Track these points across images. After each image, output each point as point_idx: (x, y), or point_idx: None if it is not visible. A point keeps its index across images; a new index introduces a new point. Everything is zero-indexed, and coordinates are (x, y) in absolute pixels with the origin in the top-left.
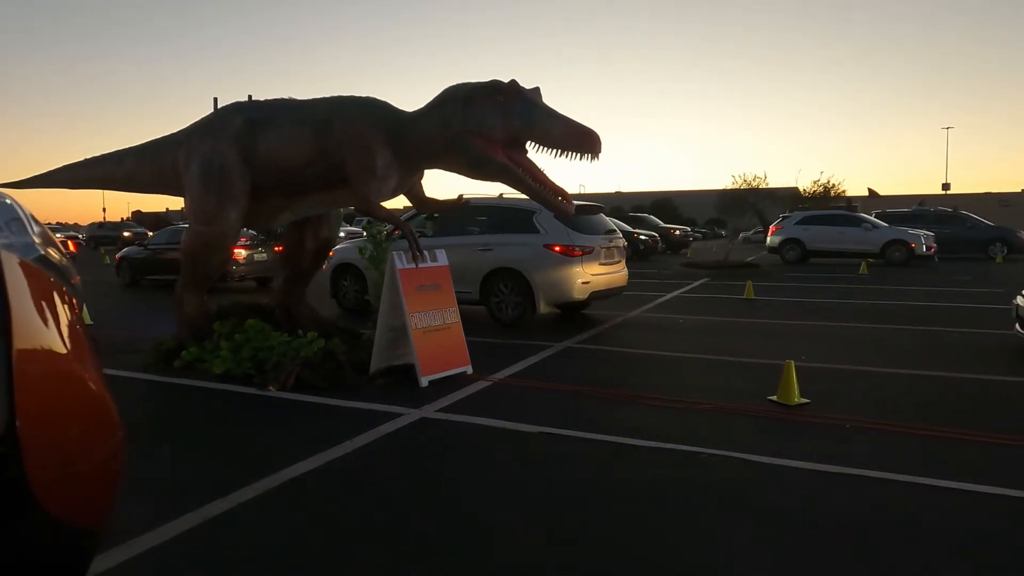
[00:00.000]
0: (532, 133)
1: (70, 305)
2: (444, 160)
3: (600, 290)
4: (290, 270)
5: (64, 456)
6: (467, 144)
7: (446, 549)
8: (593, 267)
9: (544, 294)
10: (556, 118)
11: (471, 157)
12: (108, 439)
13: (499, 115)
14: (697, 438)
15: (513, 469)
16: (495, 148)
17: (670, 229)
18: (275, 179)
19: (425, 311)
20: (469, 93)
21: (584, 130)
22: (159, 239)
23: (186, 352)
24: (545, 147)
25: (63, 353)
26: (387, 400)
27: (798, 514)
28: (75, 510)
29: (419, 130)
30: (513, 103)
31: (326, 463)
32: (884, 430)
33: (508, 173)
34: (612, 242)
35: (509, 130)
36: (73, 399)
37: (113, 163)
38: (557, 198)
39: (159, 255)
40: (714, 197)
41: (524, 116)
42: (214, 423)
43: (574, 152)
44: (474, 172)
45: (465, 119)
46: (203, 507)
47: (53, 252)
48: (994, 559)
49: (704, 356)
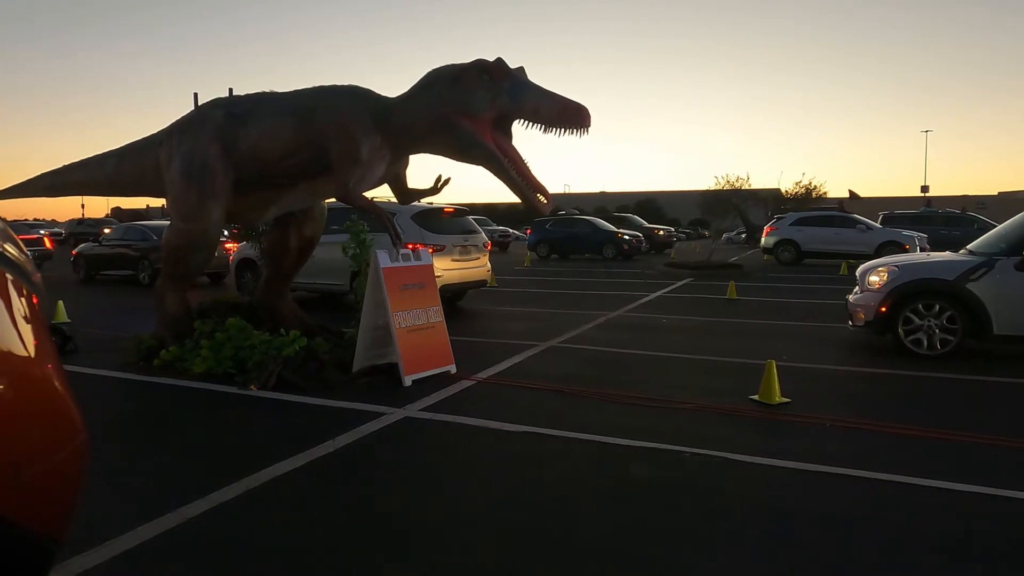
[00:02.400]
0: (521, 111)
1: (28, 302)
2: (431, 143)
3: (454, 283)
4: (273, 268)
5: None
6: (456, 126)
7: (429, 549)
8: (445, 262)
9: None
10: (545, 94)
11: (460, 139)
12: (68, 442)
13: (487, 94)
14: (680, 437)
15: (496, 468)
16: (484, 132)
17: (654, 229)
18: (258, 172)
19: (409, 310)
20: (456, 73)
21: (573, 105)
22: (113, 236)
23: (166, 351)
24: (535, 124)
25: (19, 351)
26: (370, 399)
27: (780, 513)
28: (30, 516)
29: (405, 114)
30: (500, 82)
31: (308, 463)
32: (864, 428)
33: (494, 161)
34: (468, 241)
35: (498, 109)
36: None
37: (93, 167)
38: (536, 194)
39: (113, 251)
40: (697, 198)
41: (512, 94)
42: (194, 423)
43: (564, 127)
44: (461, 155)
45: (453, 99)
46: (182, 508)
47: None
48: (975, 557)
49: (686, 356)
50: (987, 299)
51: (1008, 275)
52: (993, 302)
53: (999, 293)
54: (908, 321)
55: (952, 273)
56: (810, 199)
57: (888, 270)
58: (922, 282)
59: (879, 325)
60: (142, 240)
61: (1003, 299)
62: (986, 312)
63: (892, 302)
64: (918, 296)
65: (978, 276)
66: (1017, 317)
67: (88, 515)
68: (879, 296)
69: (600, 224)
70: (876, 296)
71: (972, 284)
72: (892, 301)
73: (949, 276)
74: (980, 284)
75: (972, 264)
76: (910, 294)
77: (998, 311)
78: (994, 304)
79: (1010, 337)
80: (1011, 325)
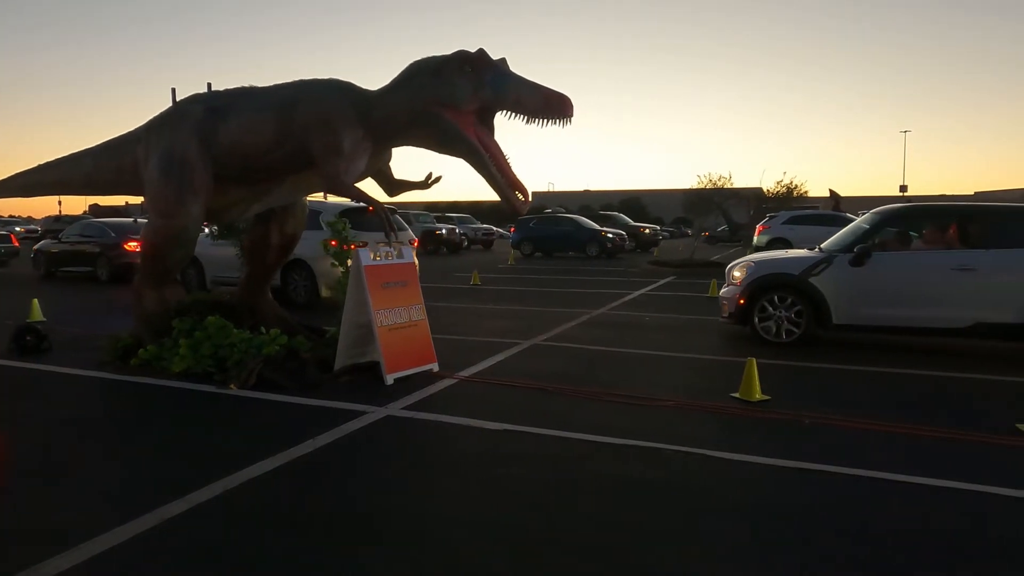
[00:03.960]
0: (504, 102)
1: None
2: (414, 136)
3: None
4: (254, 266)
5: None
6: (438, 118)
7: (409, 548)
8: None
9: (324, 280)
10: (527, 85)
11: (442, 132)
12: None
13: (469, 85)
14: (661, 435)
15: (478, 467)
16: (467, 125)
17: (640, 227)
18: (239, 168)
19: (391, 308)
20: (438, 65)
21: (556, 95)
22: (72, 233)
23: (143, 350)
24: (518, 114)
25: None
26: (351, 398)
27: (760, 509)
28: None
29: (387, 106)
30: (483, 73)
31: (287, 463)
32: (842, 426)
33: (475, 156)
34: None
35: (480, 100)
36: None
37: (69, 166)
38: (514, 192)
39: (72, 248)
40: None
41: (494, 85)
42: (172, 422)
43: (547, 118)
44: (443, 148)
45: (435, 91)
46: (159, 508)
47: None
48: (956, 553)
49: (668, 353)
50: (827, 292)
51: (843, 270)
52: (832, 294)
53: (837, 286)
54: (763, 310)
55: (798, 268)
56: (792, 198)
57: (746, 266)
58: (773, 276)
59: (739, 316)
60: (99, 237)
61: (840, 292)
62: (826, 303)
63: (749, 295)
64: (770, 289)
65: (819, 271)
66: (852, 308)
67: (63, 516)
68: (739, 290)
69: (584, 222)
70: (737, 290)
71: (814, 278)
72: (749, 294)
73: (795, 271)
74: (821, 278)
75: (815, 260)
76: (763, 287)
77: (836, 302)
78: (833, 296)
79: (847, 326)
80: (847, 315)
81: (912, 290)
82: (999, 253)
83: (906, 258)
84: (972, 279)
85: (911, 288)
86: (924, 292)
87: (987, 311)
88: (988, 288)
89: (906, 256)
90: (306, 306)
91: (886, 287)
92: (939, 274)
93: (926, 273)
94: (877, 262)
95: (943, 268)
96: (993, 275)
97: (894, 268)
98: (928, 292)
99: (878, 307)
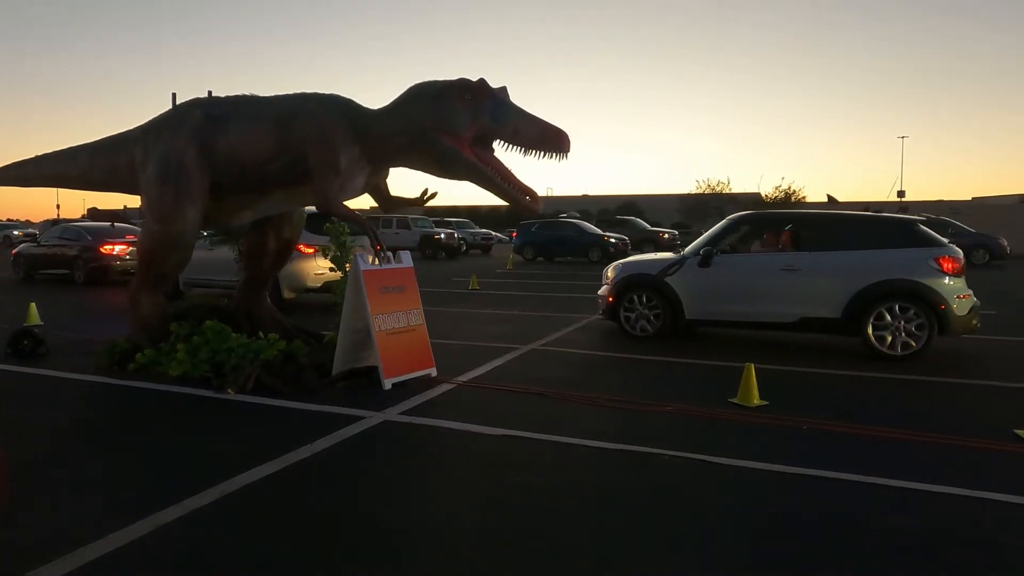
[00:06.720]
0: (502, 131)
1: None
2: (411, 157)
3: (335, 280)
4: (251, 271)
5: None
6: (435, 141)
7: (409, 554)
8: (326, 262)
9: (287, 283)
10: (525, 117)
11: (439, 154)
12: None
13: (468, 112)
14: (660, 440)
15: (477, 472)
16: (463, 146)
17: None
18: (236, 176)
19: (389, 313)
20: (439, 90)
21: (553, 129)
22: (51, 236)
23: (141, 354)
24: (515, 146)
25: None
26: (349, 403)
27: (757, 514)
28: None
29: (385, 126)
30: (482, 101)
31: (284, 468)
32: (841, 431)
33: (476, 171)
34: (355, 241)
35: (478, 127)
36: None
37: (66, 160)
38: (525, 197)
39: (50, 251)
40: (676, 202)
41: (493, 114)
42: (169, 427)
43: (543, 151)
44: (442, 170)
45: (434, 115)
46: (155, 514)
47: None
48: (954, 560)
49: (667, 358)
50: (679, 290)
51: (693, 271)
52: (683, 293)
53: (687, 285)
54: (628, 309)
55: (655, 269)
56: (789, 203)
57: (615, 267)
58: (636, 276)
59: (609, 313)
60: (76, 240)
61: (690, 290)
62: (679, 301)
63: (616, 293)
64: (633, 288)
65: (673, 271)
66: (700, 305)
67: (59, 522)
68: (609, 288)
69: (586, 227)
70: (608, 288)
71: (669, 278)
72: (616, 292)
73: (653, 271)
74: (674, 278)
75: (671, 262)
76: (628, 287)
77: (687, 300)
78: (684, 294)
79: (697, 321)
80: (696, 311)
81: (748, 289)
82: (819, 255)
83: (744, 260)
84: (797, 278)
85: (747, 287)
86: (758, 290)
87: (810, 307)
88: (810, 287)
89: (744, 258)
90: None
91: (727, 286)
92: (769, 274)
93: (759, 273)
94: (720, 263)
95: (773, 269)
96: (814, 275)
97: (733, 269)
98: (761, 290)
99: (720, 304)
